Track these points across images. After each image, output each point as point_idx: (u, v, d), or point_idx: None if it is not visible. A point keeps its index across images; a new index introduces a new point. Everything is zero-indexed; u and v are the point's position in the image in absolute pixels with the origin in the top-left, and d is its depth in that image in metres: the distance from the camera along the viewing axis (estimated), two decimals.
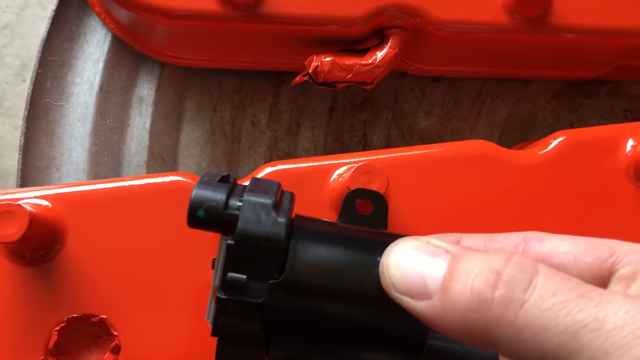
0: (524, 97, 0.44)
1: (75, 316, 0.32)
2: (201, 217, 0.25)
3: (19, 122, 0.59)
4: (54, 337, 0.31)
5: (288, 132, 0.43)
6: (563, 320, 0.20)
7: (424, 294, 0.23)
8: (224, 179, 0.27)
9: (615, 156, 0.35)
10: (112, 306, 0.32)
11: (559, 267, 0.26)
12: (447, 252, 0.24)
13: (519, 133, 0.44)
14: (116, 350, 0.32)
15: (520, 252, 0.27)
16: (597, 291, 0.21)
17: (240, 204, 0.25)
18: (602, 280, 0.26)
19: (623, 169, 0.35)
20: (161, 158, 0.42)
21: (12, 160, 0.61)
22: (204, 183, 0.26)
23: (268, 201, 0.26)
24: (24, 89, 0.61)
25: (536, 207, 0.35)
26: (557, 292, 0.21)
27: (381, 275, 0.24)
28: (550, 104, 0.44)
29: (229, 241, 0.25)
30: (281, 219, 0.25)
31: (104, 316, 0.32)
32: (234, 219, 0.25)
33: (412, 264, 0.24)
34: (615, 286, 0.25)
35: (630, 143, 0.35)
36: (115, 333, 0.32)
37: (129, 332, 0.32)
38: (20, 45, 0.61)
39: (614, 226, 0.35)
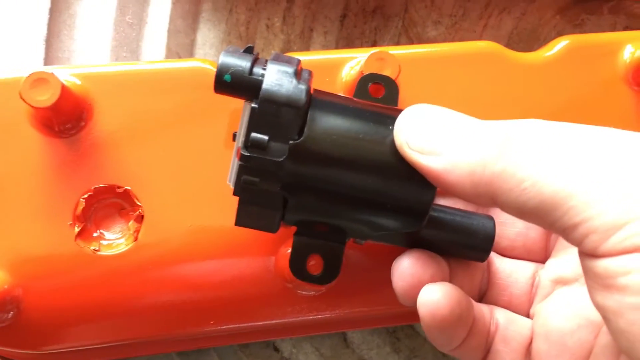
0: (529, 11, 0.46)
1: (101, 186, 0.34)
2: (227, 80, 0.27)
3: None
4: (82, 205, 0.33)
5: (301, 36, 0.45)
6: (560, 168, 0.22)
7: (435, 150, 0.25)
8: (249, 50, 0.28)
9: (614, 60, 0.37)
10: (136, 179, 0.34)
11: None
12: (459, 117, 0.26)
13: (523, 45, 0.46)
14: (139, 219, 0.34)
15: None
16: (587, 149, 0.23)
17: (264, 71, 0.27)
18: None
19: (621, 72, 0.37)
20: (178, 55, 0.44)
21: None
22: (230, 52, 0.28)
23: (290, 69, 0.27)
24: None
25: (538, 106, 0.36)
26: (558, 144, 0.23)
27: (395, 134, 0.26)
28: (555, 18, 0.46)
29: (253, 104, 0.27)
30: (302, 85, 0.27)
31: (129, 187, 0.34)
32: (258, 83, 0.27)
33: (427, 122, 0.26)
34: None
35: (628, 49, 0.37)
36: (139, 203, 0.34)
37: (152, 203, 0.34)
38: None
39: (610, 126, 0.37)
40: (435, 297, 0.27)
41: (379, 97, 0.33)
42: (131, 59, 0.43)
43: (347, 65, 0.36)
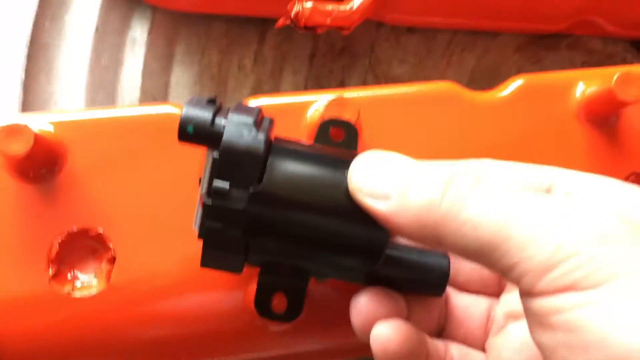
0: (490, 49, 0.48)
1: (74, 230, 0.35)
2: (190, 132, 0.29)
3: None
4: (56, 248, 0.35)
5: (271, 76, 0.47)
6: (497, 213, 0.24)
7: (384, 196, 0.26)
8: (212, 101, 0.30)
9: (566, 99, 0.39)
10: (109, 222, 0.35)
11: None
12: (408, 161, 0.27)
13: (485, 81, 0.48)
14: (112, 260, 0.35)
15: None
16: (528, 191, 0.25)
17: (225, 121, 0.29)
18: None
19: (573, 110, 0.39)
20: (153, 97, 0.45)
21: None
22: (193, 103, 0.29)
23: (249, 120, 0.29)
24: None
25: (493, 144, 0.38)
26: (495, 191, 0.25)
27: (349, 180, 0.28)
28: (515, 55, 0.48)
29: (215, 154, 0.29)
30: (261, 135, 0.29)
31: (101, 230, 0.35)
32: (220, 134, 0.28)
33: (376, 170, 0.27)
34: None
35: (580, 87, 0.39)
36: (111, 246, 0.35)
37: (124, 245, 0.35)
38: None
39: (563, 162, 0.38)
40: (385, 333, 0.28)
41: (339, 141, 0.34)
42: (107, 101, 0.45)
43: (312, 108, 0.37)
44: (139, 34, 0.45)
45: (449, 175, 0.26)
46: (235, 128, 0.28)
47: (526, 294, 0.24)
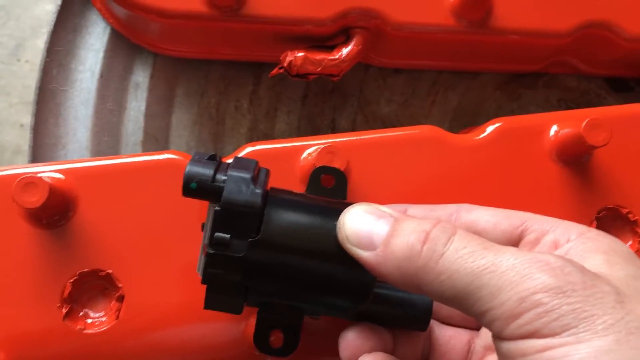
0: (472, 87, 0.51)
1: (86, 271, 0.38)
2: (193, 188, 0.32)
3: (15, 99, 0.64)
4: (68, 288, 0.37)
5: (266, 115, 0.50)
6: (470, 265, 0.27)
7: (370, 246, 0.29)
8: (212, 158, 0.33)
9: (541, 140, 0.42)
10: (117, 262, 0.38)
11: (481, 232, 0.33)
12: (391, 216, 0.30)
13: (467, 118, 0.51)
14: (120, 299, 0.38)
15: (454, 220, 0.34)
16: (497, 246, 0.28)
17: (225, 177, 0.32)
18: (513, 243, 0.32)
19: (547, 150, 0.42)
20: (155, 138, 0.48)
21: (8, 136, 0.65)
22: (195, 161, 0.32)
23: (247, 175, 0.32)
24: (19, 68, 0.65)
25: (473, 184, 0.41)
26: (467, 246, 0.28)
27: (338, 230, 0.31)
28: (495, 93, 0.51)
29: (216, 208, 0.31)
30: (258, 190, 0.31)
31: (110, 271, 0.38)
32: (220, 189, 0.31)
33: (363, 222, 0.30)
34: (522, 248, 0.32)
35: (554, 129, 0.42)
36: (119, 285, 0.38)
37: (132, 284, 0.38)
38: (14, 26, 0.66)
39: (539, 200, 0.42)
40: None
41: (329, 187, 0.37)
42: (112, 143, 0.47)
43: (306, 152, 0.40)
44: (141, 78, 0.48)
45: (428, 230, 0.28)
46: (234, 184, 0.31)
47: (496, 337, 0.27)
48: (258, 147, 0.40)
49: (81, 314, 0.38)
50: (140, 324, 0.38)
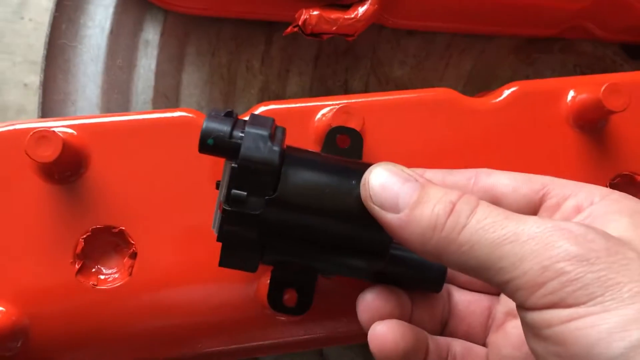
0: (486, 51, 0.50)
1: (98, 227, 0.37)
2: (210, 144, 0.31)
3: (18, 58, 0.63)
4: (81, 244, 0.37)
5: (278, 76, 0.49)
6: (491, 235, 0.26)
7: (394, 208, 0.29)
8: (229, 114, 0.32)
9: (558, 105, 0.42)
10: (130, 219, 0.38)
11: (500, 196, 0.32)
12: (417, 180, 0.30)
13: (481, 82, 0.50)
14: (133, 256, 0.38)
15: (472, 184, 0.34)
16: (519, 216, 0.27)
17: (243, 134, 0.31)
18: (533, 208, 0.32)
19: (564, 116, 0.41)
20: (165, 96, 0.48)
21: (11, 96, 0.64)
22: (212, 117, 0.32)
23: (265, 132, 0.31)
24: (22, 26, 0.64)
25: (489, 147, 0.41)
26: (489, 217, 0.27)
27: (362, 188, 0.30)
28: (510, 57, 0.50)
29: (233, 164, 0.31)
30: (275, 147, 0.31)
31: (123, 227, 0.38)
32: (238, 146, 0.31)
33: (389, 183, 0.29)
34: (542, 214, 0.32)
35: (571, 94, 0.42)
36: (132, 242, 0.38)
37: (144, 241, 0.38)
38: None
39: (554, 165, 0.41)
40: (381, 332, 0.31)
41: (345, 148, 0.37)
42: (122, 101, 0.47)
43: (320, 113, 0.40)
44: (151, 36, 0.47)
45: (455, 201, 0.28)
46: (252, 141, 0.31)
47: (520, 307, 0.26)
48: (271, 106, 0.40)
49: (94, 270, 0.38)
50: (153, 281, 0.38)
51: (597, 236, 0.26)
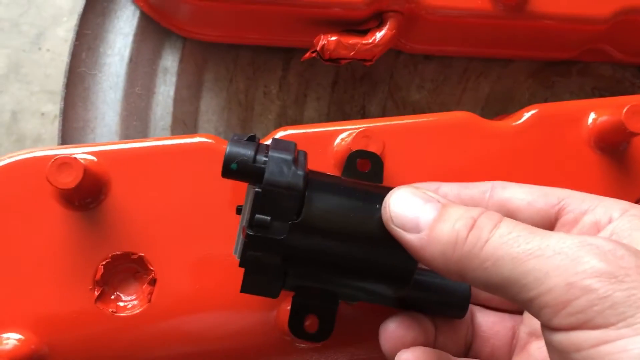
0: (504, 75, 0.50)
1: (118, 253, 0.37)
2: (234, 169, 0.31)
3: (35, 87, 0.64)
4: (100, 270, 0.37)
5: (295, 101, 0.49)
6: (515, 250, 0.26)
7: (415, 229, 0.29)
8: (251, 138, 0.32)
9: (578, 127, 0.41)
10: (149, 246, 0.37)
11: (515, 210, 0.32)
12: (438, 201, 0.29)
13: (499, 106, 0.50)
14: (153, 282, 0.37)
15: (487, 197, 0.33)
16: (544, 231, 0.27)
17: (266, 158, 0.31)
18: (549, 223, 0.31)
19: (585, 138, 0.41)
20: (183, 123, 0.48)
21: (29, 124, 0.65)
22: (235, 141, 0.32)
23: (289, 157, 0.31)
24: (40, 56, 0.65)
25: (509, 170, 0.40)
26: (513, 231, 0.27)
27: (383, 211, 0.30)
28: (528, 81, 0.50)
29: (257, 189, 0.31)
30: (300, 172, 0.31)
31: (142, 254, 0.37)
32: (262, 170, 0.31)
33: (410, 205, 0.29)
34: (559, 229, 0.31)
35: (591, 116, 0.41)
36: (151, 268, 0.37)
37: (164, 268, 0.37)
38: (35, 15, 0.65)
39: (576, 187, 0.40)
40: None
41: (365, 172, 0.36)
42: (141, 128, 0.47)
43: (339, 137, 0.40)
44: (170, 63, 0.48)
45: (476, 217, 0.28)
46: (276, 165, 0.31)
47: (545, 327, 0.25)
48: (289, 131, 0.40)
49: (113, 296, 0.38)
50: (172, 307, 0.37)
51: (626, 253, 0.25)
